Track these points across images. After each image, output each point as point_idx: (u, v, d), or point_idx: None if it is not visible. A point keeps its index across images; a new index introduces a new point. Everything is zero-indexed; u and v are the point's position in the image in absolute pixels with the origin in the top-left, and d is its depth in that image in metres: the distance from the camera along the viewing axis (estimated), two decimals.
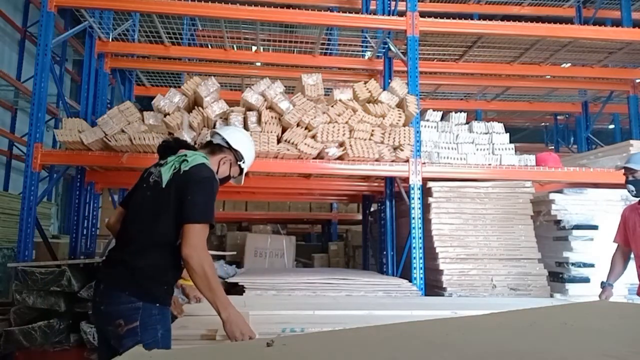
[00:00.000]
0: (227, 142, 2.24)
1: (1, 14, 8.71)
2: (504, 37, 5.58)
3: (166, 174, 2.03)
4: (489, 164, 4.73)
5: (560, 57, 6.29)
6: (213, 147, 2.26)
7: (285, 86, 4.31)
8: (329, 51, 6.58)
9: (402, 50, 5.06)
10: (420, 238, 4.27)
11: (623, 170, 3.24)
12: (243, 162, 2.30)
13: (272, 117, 4.18)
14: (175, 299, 2.71)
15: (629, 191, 3.22)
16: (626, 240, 3.28)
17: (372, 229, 6.30)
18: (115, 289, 1.95)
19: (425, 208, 4.41)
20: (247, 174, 4.96)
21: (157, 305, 1.96)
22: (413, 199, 4.32)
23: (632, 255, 3.28)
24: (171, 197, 1.98)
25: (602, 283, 3.29)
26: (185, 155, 2.08)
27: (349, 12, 4.99)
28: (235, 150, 2.26)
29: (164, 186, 2.01)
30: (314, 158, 4.24)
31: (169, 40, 5.84)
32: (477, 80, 7.14)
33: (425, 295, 4.14)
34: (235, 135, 2.29)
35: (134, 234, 2.02)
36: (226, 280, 4.16)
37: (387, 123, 4.29)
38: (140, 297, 1.92)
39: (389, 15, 5.37)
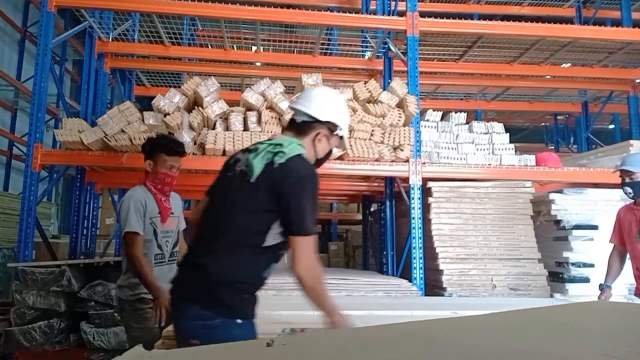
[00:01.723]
0: (313, 117, 1.85)
1: (1, 14, 8.71)
2: (504, 37, 5.58)
3: (258, 165, 1.72)
4: (489, 164, 4.73)
5: (560, 57, 6.29)
6: (300, 127, 1.86)
7: (285, 86, 4.31)
8: (329, 51, 6.58)
9: (402, 50, 5.06)
10: (420, 238, 4.27)
11: (619, 172, 3.22)
12: (340, 130, 1.90)
13: (272, 117, 4.18)
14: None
15: (625, 193, 3.20)
16: (622, 241, 3.28)
17: (372, 229, 6.29)
18: (188, 301, 1.67)
19: (425, 208, 4.41)
20: None
21: (238, 321, 1.67)
22: (413, 199, 4.32)
23: (628, 255, 3.27)
24: (263, 195, 1.69)
25: (601, 285, 3.28)
26: (281, 145, 1.75)
27: (349, 12, 4.99)
28: (327, 122, 1.87)
29: (253, 180, 1.70)
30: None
31: (169, 40, 5.84)
32: (477, 80, 7.14)
33: (425, 295, 4.14)
34: (318, 105, 1.86)
35: (213, 232, 1.74)
36: None
37: (387, 123, 4.29)
38: (216, 311, 1.63)
39: (389, 15, 5.37)
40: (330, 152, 1.97)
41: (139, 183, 2.78)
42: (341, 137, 1.94)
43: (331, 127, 1.88)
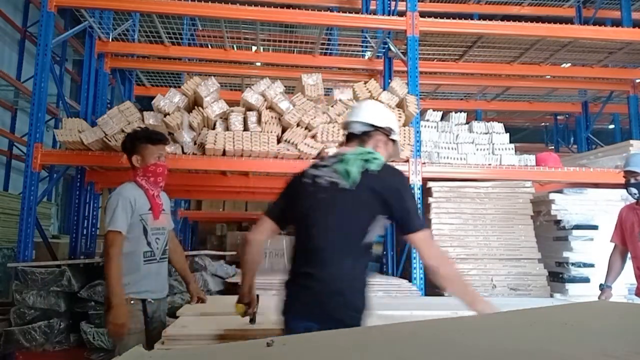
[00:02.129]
0: (371, 125, 1.96)
1: (1, 14, 8.70)
2: (504, 37, 5.58)
3: (355, 173, 1.81)
4: (489, 164, 4.73)
5: (560, 57, 6.29)
6: (360, 138, 1.96)
7: (285, 86, 4.31)
8: (329, 51, 6.58)
9: (402, 50, 5.06)
10: None
11: (623, 173, 3.22)
12: (394, 134, 2.02)
13: (272, 117, 4.18)
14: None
15: (630, 194, 3.19)
16: (623, 240, 3.28)
17: None
18: (331, 322, 1.61)
19: (425, 208, 4.41)
20: (247, 173, 4.99)
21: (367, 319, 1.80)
22: None
23: (629, 255, 3.27)
24: (365, 200, 1.81)
25: (601, 285, 3.29)
26: (370, 153, 1.88)
27: (349, 12, 4.99)
28: (382, 127, 1.98)
29: (352, 187, 1.80)
30: (314, 158, 4.24)
31: (169, 40, 5.84)
32: (477, 80, 7.14)
33: (425, 295, 4.14)
34: (372, 114, 1.99)
35: (327, 245, 1.81)
36: (226, 280, 4.17)
37: None
38: (357, 321, 1.74)
39: (389, 15, 5.37)
40: (389, 157, 2.06)
41: (127, 180, 2.69)
42: (394, 142, 2.05)
43: (387, 132, 1.99)
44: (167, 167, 2.73)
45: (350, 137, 2.00)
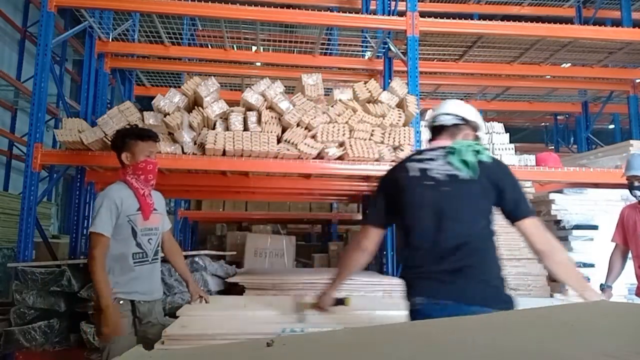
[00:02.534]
0: (462, 118, 2.06)
1: (1, 14, 8.71)
2: (504, 37, 5.58)
3: (471, 164, 1.88)
4: None
5: (560, 57, 6.29)
6: (450, 130, 2.05)
7: (285, 86, 4.31)
8: (329, 51, 6.58)
9: (402, 50, 5.06)
10: None
11: (626, 177, 3.23)
12: (480, 130, 2.13)
13: (272, 117, 4.18)
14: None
15: (636, 197, 3.21)
16: (625, 240, 3.28)
17: None
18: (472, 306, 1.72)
19: None
20: (247, 173, 4.99)
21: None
22: None
23: (630, 255, 3.28)
24: (485, 189, 1.88)
25: (602, 285, 3.29)
26: (477, 144, 1.95)
27: (349, 12, 4.99)
28: (472, 122, 2.07)
29: (474, 177, 1.87)
30: (314, 158, 4.24)
31: (169, 40, 5.84)
32: (477, 80, 7.14)
33: None
34: (463, 110, 2.09)
35: (457, 237, 1.87)
36: (226, 280, 4.16)
37: (387, 123, 4.29)
38: (499, 304, 1.76)
39: (389, 15, 5.37)
40: None
41: (116, 180, 2.66)
42: (478, 138, 2.11)
43: (475, 127, 2.09)
44: (157, 164, 2.69)
45: (438, 130, 2.07)
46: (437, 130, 2.08)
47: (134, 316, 2.54)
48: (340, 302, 2.23)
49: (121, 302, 2.48)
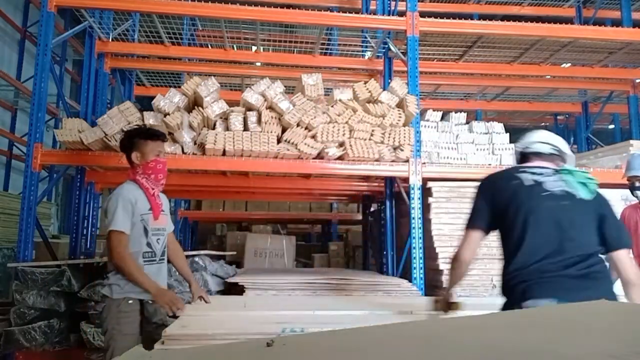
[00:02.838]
0: (559, 150, 2.18)
1: (1, 14, 8.71)
2: (504, 37, 5.58)
3: (590, 187, 2.02)
4: (489, 164, 4.73)
5: (560, 57, 6.29)
6: (546, 158, 2.17)
7: (285, 86, 4.31)
8: (329, 51, 6.58)
9: (402, 50, 5.06)
10: (420, 238, 4.27)
11: (626, 178, 3.24)
12: (568, 163, 2.25)
13: (272, 117, 4.18)
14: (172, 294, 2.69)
15: (636, 197, 3.22)
16: None
17: (372, 229, 6.30)
18: None
19: (425, 208, 4.41)
20: (247, 173, 4.99)
21: None
22: (413, 199, 4.32)
23: (631, 255, 3.28)
24: (594, 211, 2.00)
25: None
26: (586, 172, 2.09)
27: (349, 12, 4.99)
28: (564, 153, 2.20)
29: (585, 198, 2.00)
30: (314, 158, 4.24)
31: (169, 40, 5.84)
32: (477, 80, 7.14)
33: (425, 295, 4.13)
34: (559, 141, 2.22)
35: (585, 246, 1.98)
36: (226, 280, 4.17)
37: (387, 123, 4.29)
38: None
39: (389, 15, 5.37)
40: None
41: (126, 180, 2.67)
42: None
43: (564, 160, 2.20)
44: (166, 164, 2.72)
45: (530, 156, 2.19)
46: (528, 156, 2.20)
47: (141, 316, 2.56)
48: (454, 306, 2.38)
49: (130, 301, 2.50)
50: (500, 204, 2.11)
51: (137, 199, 2.56)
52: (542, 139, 2.20)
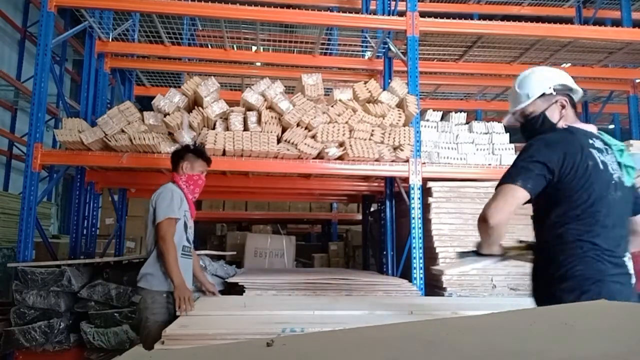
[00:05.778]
0: (552, 89, 1.97)
1: (1, 14, 8.71)
2: (504, 37, 5.58)
3: (632, 175, 1.92)
4: (489, 164, 4.73)
5: (560, 57, 6.28)
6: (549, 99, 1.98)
7: (285, 86, 4.31)
8: (329, 51, 6.58)
9: (402, 50, 5.06)
10: (420, 238, 4.27)
11: None
12: (571, 91, 2.03)
13: (272, 117, 4.18)
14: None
15: None
16: None
17: (372, 229, 6.29)
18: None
19: (425, 208, 4.41)
20: (247, 173, 4.98)
21: None
22: (413, 199, 4.32)
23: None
24: (631, 203, 1.92)
25: None
26: (620, 145, 1.94)
27: (349, 12, 4.99)
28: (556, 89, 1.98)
29: (628, 185, 1.89)
30: (314, 158, 4.24)
31: (169, 40, 5.83)
32: (477, 80, 7.13)
33: (425, 295, 4.14)
34: (548, 75, 2.01)
35: (626, 247, 1.92)
36: (226, 280, 4.16)
37: (387, 123, 4.29)
38: None
39: (389, 15, 5.37)
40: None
41: (169, 181, 2.95)
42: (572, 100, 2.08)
43: (565, 88, 2.05)
44: (204, 182, 3.04)
45: (571, 105, 2.03)
46: (571, 104, 2.04)
47: (172, 305, 2.72)
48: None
49: (164, 294, 2.73)
50: (561, 177, 1.81)
51: (182, 197, 2.88)
52: (574, 84, 2.00)
